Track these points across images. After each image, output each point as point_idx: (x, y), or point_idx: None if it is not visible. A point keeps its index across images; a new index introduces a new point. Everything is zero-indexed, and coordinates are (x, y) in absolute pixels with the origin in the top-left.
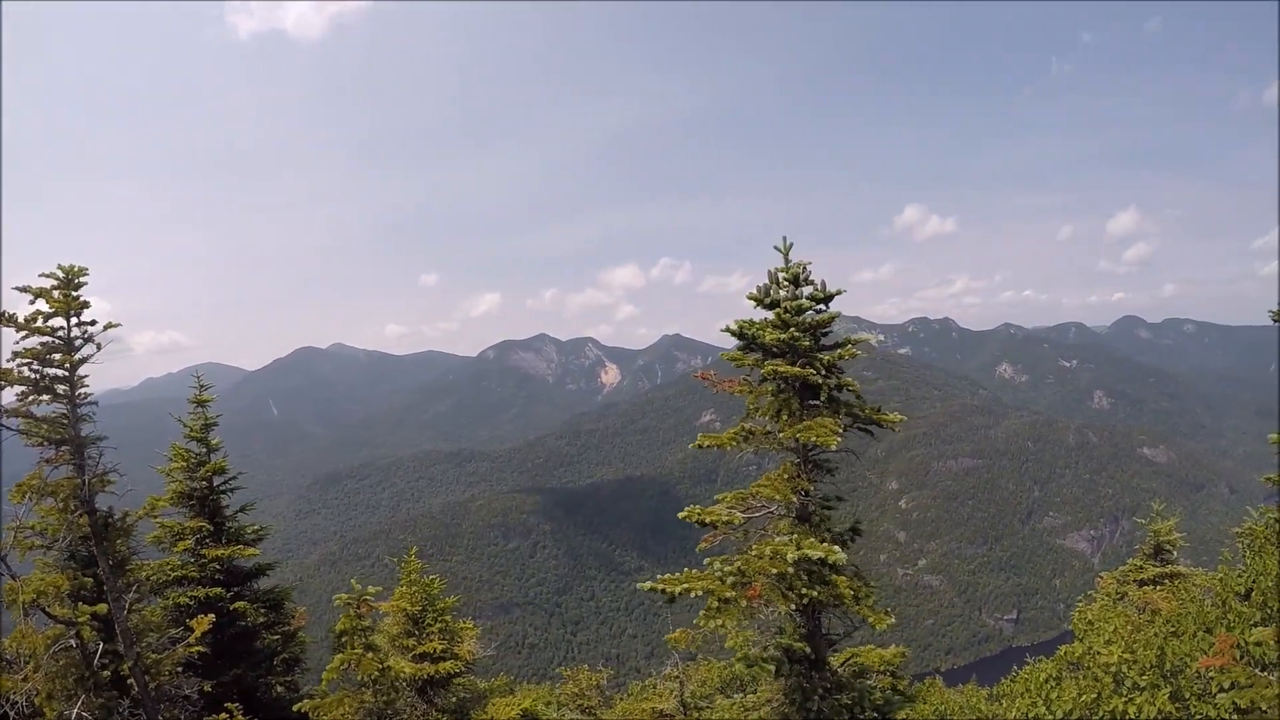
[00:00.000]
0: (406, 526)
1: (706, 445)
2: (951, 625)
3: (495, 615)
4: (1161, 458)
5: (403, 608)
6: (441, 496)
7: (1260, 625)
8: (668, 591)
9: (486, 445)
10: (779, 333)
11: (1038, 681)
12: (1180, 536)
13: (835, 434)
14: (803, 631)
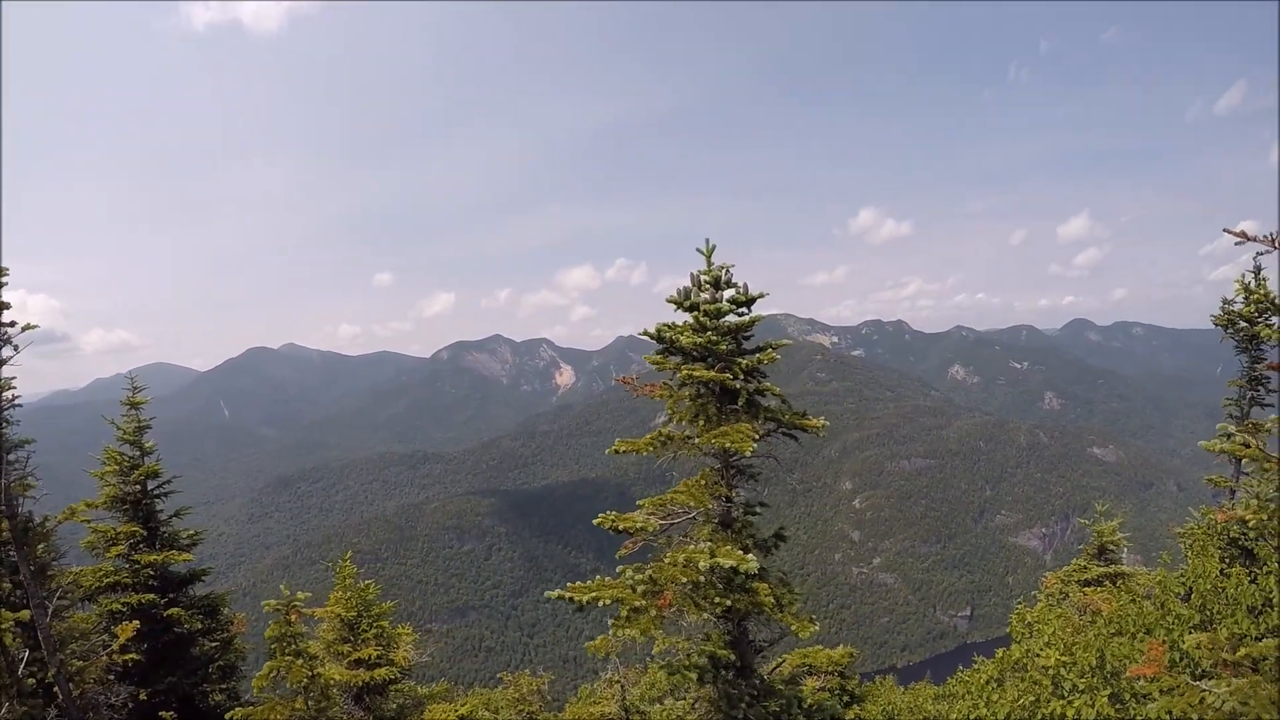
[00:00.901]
0: (360, 530)
1: (623, 451)
2: (906, 623)
3: (451, 619)
4: (1111, 457)
5: (338, 613)
6: (396, 499)
7: (1199, 628)
8: (576, 600)
9: (441, 447)
10: (696, 336)
11: (979, 683)
12: (1124, 536)
13: (752, 439)
14: (728, 639)
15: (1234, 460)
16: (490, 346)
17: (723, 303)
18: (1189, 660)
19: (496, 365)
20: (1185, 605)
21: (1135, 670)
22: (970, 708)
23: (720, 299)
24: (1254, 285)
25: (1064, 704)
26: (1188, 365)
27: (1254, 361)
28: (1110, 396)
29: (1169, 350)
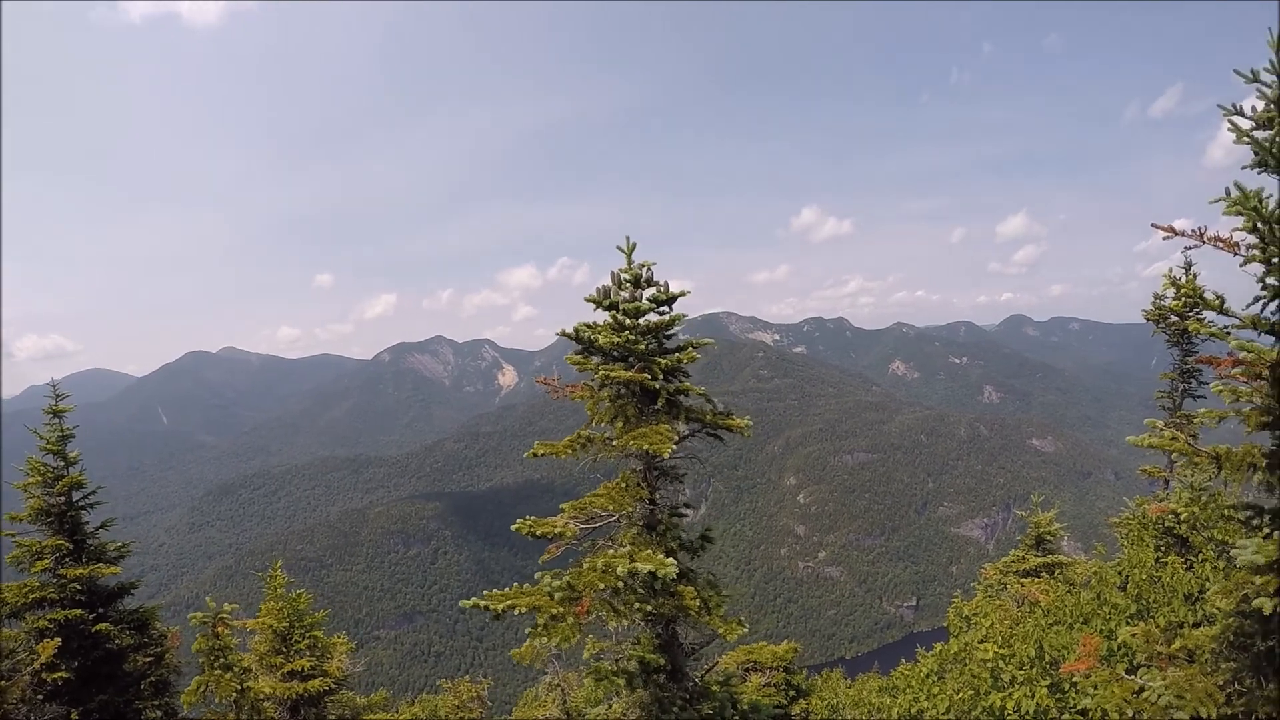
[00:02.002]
0: (304, 536)
1: (541, 453)
2: (853, 614)
3: (399, 625)
4: (1050, 448)
5: (270, 624)
6: (339, 504)
7: (1136, 617)
8: (492, 609)
9: (384, 450)
10: (614, 335)
11: (919, 676)
12: (1061, 526)
13: (671, 441)
14: (657, 642)
15: (1166, 452)
16: (432, 348)
17: (642, 301)
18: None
19: (439, 367)
20: (1122, 595)
21: (1069, 666)
22: (911, 701)
23: (640, 297)
24: (1183, 280)
25: (1003, 696)
26: (1122, 359)
27: (1185, 355)
28: (1048, 389)
29: (1104, 345)
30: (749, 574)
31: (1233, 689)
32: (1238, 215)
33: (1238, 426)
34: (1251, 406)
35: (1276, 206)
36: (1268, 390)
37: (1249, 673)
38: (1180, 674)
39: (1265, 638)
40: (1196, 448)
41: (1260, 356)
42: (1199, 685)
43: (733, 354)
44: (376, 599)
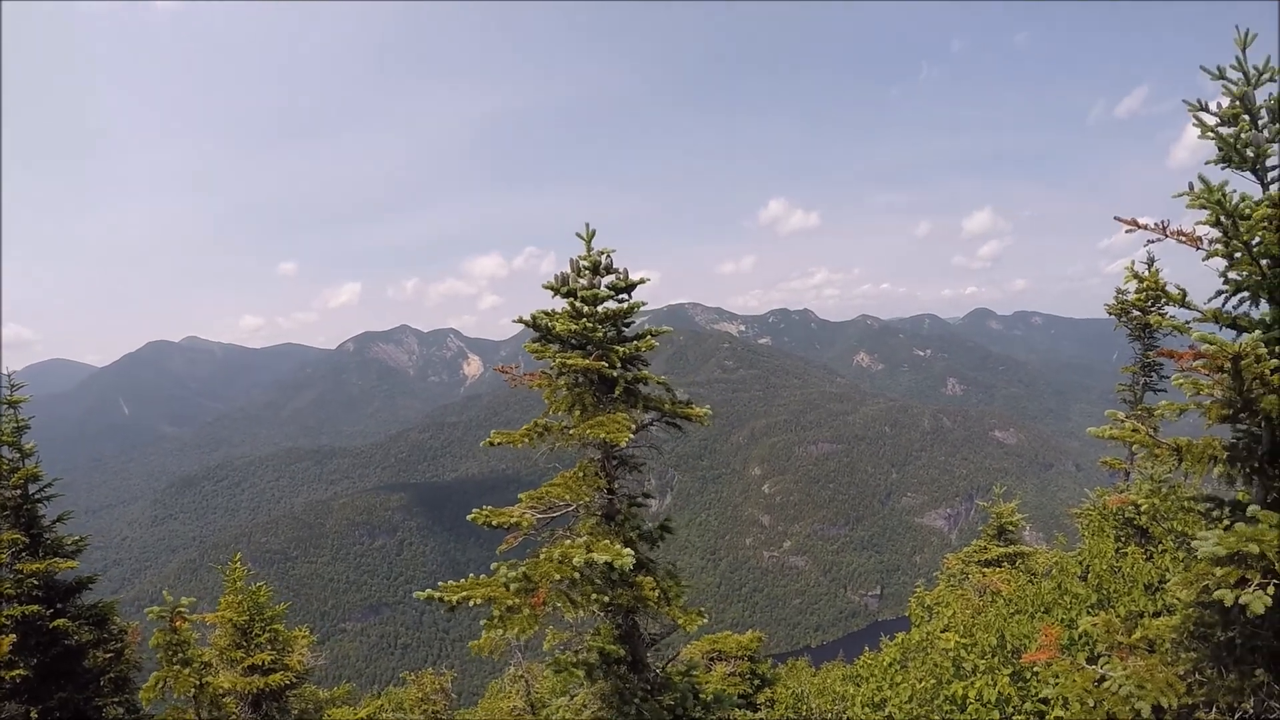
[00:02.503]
0: (268, 528)
1: (498, 443)
2: (818, 603)
3: (365, 616)
4: (1012, 440)
5: (229, 618)
6: (303, 495)
7: (1096, 606)
8: (446, 600)
9: (348, 441)
10: (572, 323)
11: (882, 666)
12: (1023, 517)
13: (629, 429)
14: (617, 633)
15: (1127, 444)
16: (397, 337)
17: (600, 289)
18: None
19: (403, 356)
20: (1083, 584)
21: (1029, 657)
22: (875, 690)
23: (598, 285)
24: (1145, 274)
25: (965, 685)
26: (1085, 353)
27: (1147, 349)
28: (1011, 382)
29: (1067, 338)
30: (714, 564)
31: (1193, 679)
32: (1201, 209)
33: (1198, 419)
34: (1212, 399)
35: (1240, 201)
36: (1229, 383)
37: (1209, 663)
38: (1141, 664)
39: (1225, 628)
40: (1157, 440)
41: (1222, 349)
42: (1160, 675)
43: (698, 345)
44: (342, 591)
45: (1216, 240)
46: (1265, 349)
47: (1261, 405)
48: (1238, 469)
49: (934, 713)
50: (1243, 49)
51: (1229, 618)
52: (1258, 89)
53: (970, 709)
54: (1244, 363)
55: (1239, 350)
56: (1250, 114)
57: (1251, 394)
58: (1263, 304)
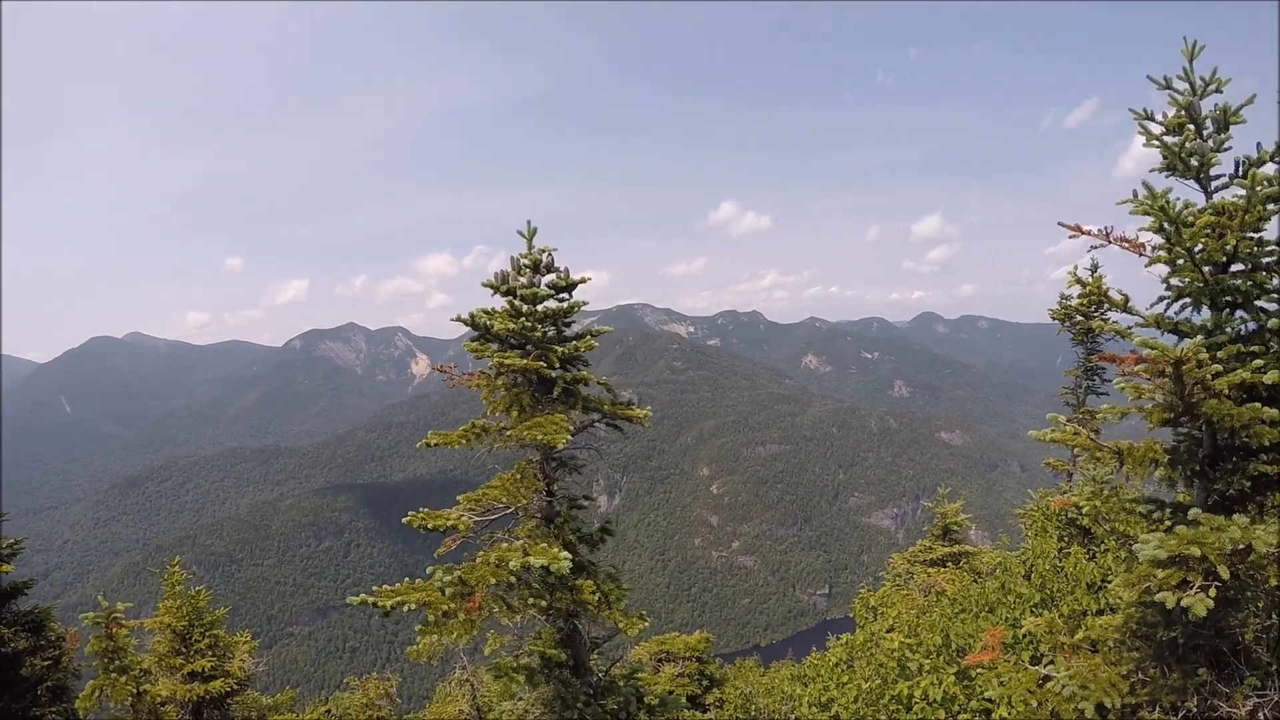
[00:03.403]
0: (213, 530)
1: (435, 444)
2: (767, 603)
3: (312, 620)
4: (958, 441)
5: (168, 624)
6: (249, 496)
7: (1040, 605)
8: (380, 605)
9: (294, 440)
10: (510, 322)
11: (828, 666)
12: (968, 517)
13: (567, 431)
14: (559, 637)
15: (1070, 446)
16: (344, 335)
17: (541, 287)
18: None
19: (351, 354)
20: (1026, 584)
21: (973, 658)
22: (821, 690)
23: (538, 283)
24: (1088, 279)
25: (910, 684)
26: (1029, 357)
27: (1089, 353)
28: (957, 385)
29: (1012, 343)
30: (663, 564)
31: (1136, 678)
32: (1145, 215)
33: (1140, 422)
34: (1154, 403)
35: (1183, 208)
36: (1170, 388)
37: (1152, 662)
38: (1084, 664)
39: (1168, 627)
40: (1098, 443)
41: (1164, 354)
42: (1103, 675)
43: (647, 345)
44: (289, 594)
45: (1159, 247)
46: (1207, 354)
47: (1203, 410)
48: (1179, 472)
49: (880, 712)
50: (1190, 60)
51: (1171, 617)
52: (1203, 99)
53: (916, 708)
54: (1185, 368)
55: (1180, 355)
56: (1195, 123)
57: (1193, 398)
58: (1204, 310)
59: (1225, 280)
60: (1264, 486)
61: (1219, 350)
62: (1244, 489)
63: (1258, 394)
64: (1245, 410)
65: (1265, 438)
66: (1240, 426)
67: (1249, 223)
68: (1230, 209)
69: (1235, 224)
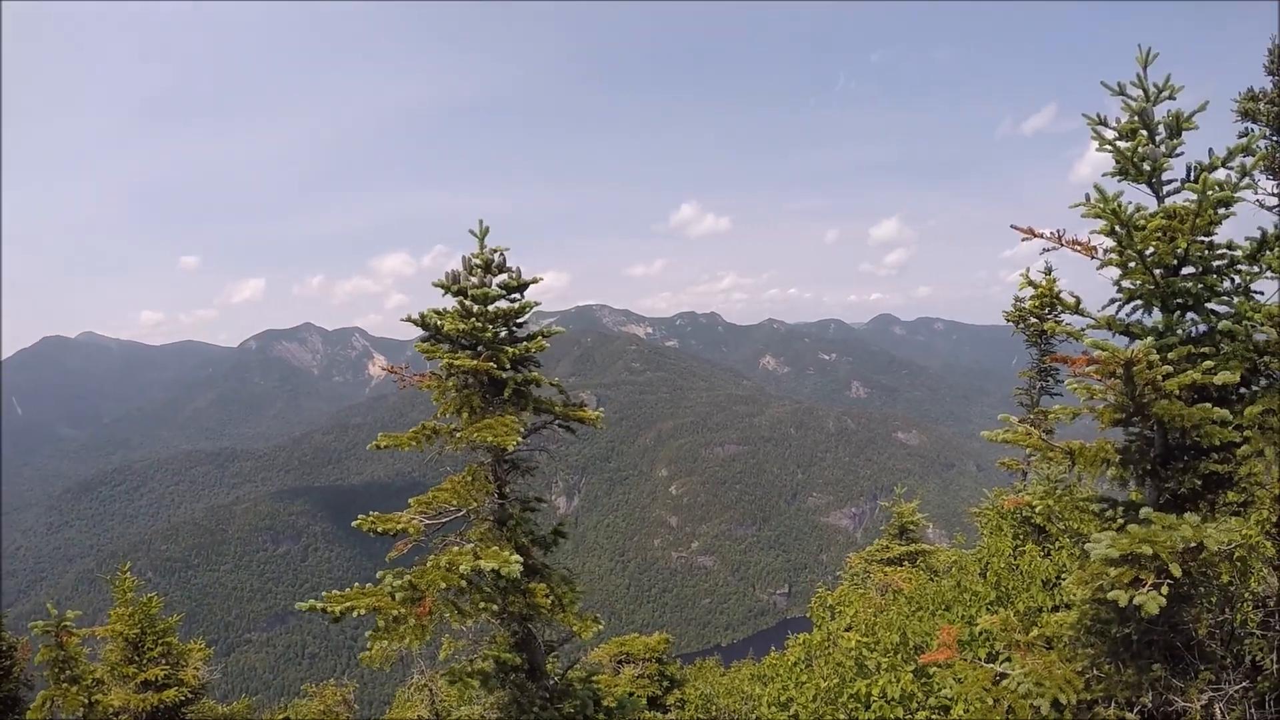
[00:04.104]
0: (169, 535)
1: (385, 446)
2: (727, 602)
3: (271, 626)
4: (915, 441)
5: (119, 632)
6: (204, 500)
7: (995, 603)
8: (330, 611)
9: (250, 443)
10: (461, 322)
11: (787, 665)
12: (924, 516)
13: (517, 433)
14: (513, 641)
15: (1022, 446)
16: (301, 335)
17: (492, 287)
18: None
19: (307, 355)
20: (982, 581)
21: (928, 657)
22: (781, 690)
23: (489, 283)
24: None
25: (868, 683)
26: (985, 358)
27: (1043, 354)
28: (914, 386)
29: (968, 344)
30: (623, 565)
31: (1091, 674)
32: (1097, 218)
33: (1093, 422)
34: (1105, 404)
35: (1134, 211)
36: (1121, 388)
37: (1107, 658)
38: (1039, 661)
39: (1122, 624)
40: (1050, 443)
41: (1114, 355)
42: (1058, 672)
43: (605, 346)
44: (246, 600)
45: (1111, 250)
46: (1157, 356)
47: (1154, 410)
48: (1131, 471)
49: (839, 711)
50: (1144, 66)
51: (1125, 614)
52: (1157, 105)
53: (875, 706)
54: (1136, 369)
55: (1131, 356)
56: (1148, 129)
57: (1144, 399)
58: (1156, 312)
59: (1176, 283)
60: (1215, 485)
61: (1170, 352)
62: (1195, 487)
63: (1208, 394)
64: (1196, 410)
65: (1215, 437)
66: (1191, 426)
67: (1200, 226)
68: (1181, 213)
69: (1186, 228)
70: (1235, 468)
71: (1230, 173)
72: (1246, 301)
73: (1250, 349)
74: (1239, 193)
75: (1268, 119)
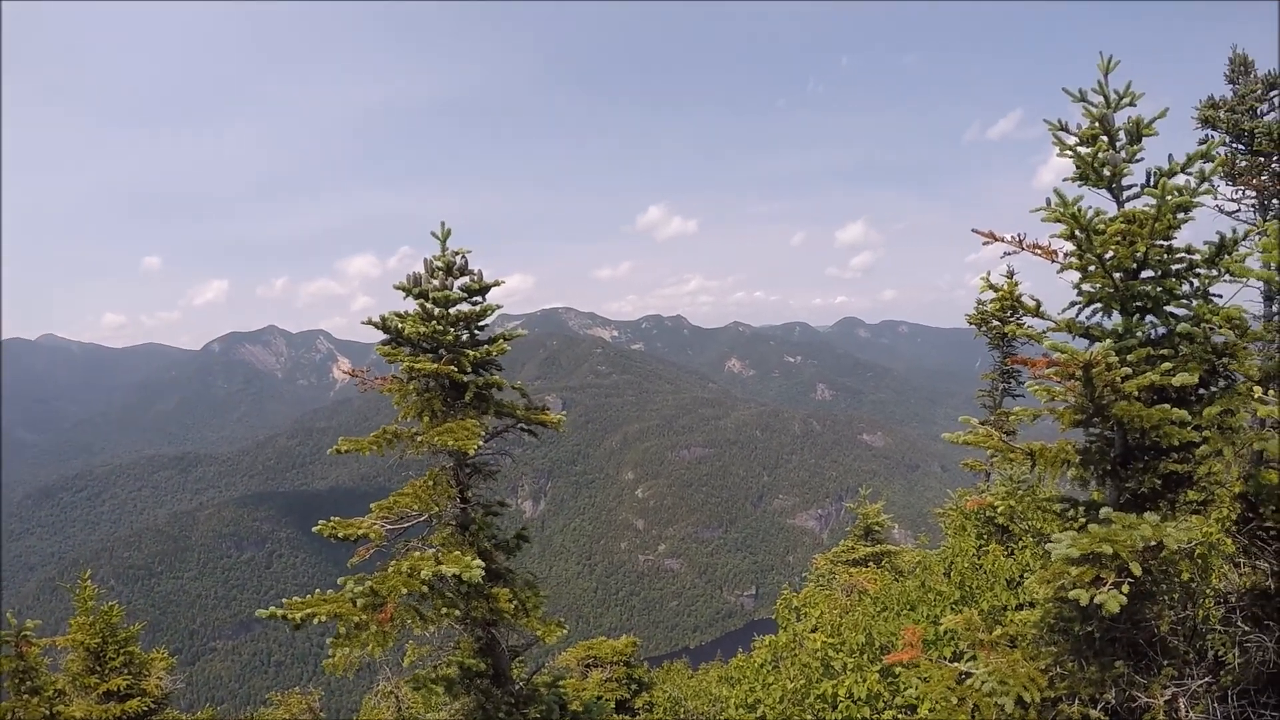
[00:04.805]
0: (131, 543)
1: (345, 450)
2: (695, 605)
3: (236, 634)
4: (880, 443)
5: (80, 641)
6: (167, 506)
7: (960, 603)
8: (290, 618)
9: (213, 447)
10: (422, 325)
11: (754, 667)
12: (889, 517)
13: (477, 437)
14: (477, 646)
15: (983, 447)
16: (264, 338)
17: (453, 290)
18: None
19: (271, 358)
20: (946, 582)
21: (892, 658)
22: (748, 691)
23: (451, 286)
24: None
25: (835, 683)
26: (950, 360)
27: (1005, 357)
28: (878, 388)
29: (933, 347)
30: (590, 569)
31: (1055, 672)
32: (1057, 222)
33: (1053, 423)
34: (1065, 405)
35: (1094, 215)
36: (1081, 390)
37: (1070, 656)
38: (1003, 660)
39: (1084, 622)
40: (1010, 444)
41: (1073, 357)
42: (1021, 670)
43: (571, 350)
44: (210, 608)
45: (1071, 254)
46: (1116, 358)
47: (1113, 411)
48: (1091, 471)
49: (806, 712)
50: (1105, 73)
51: (1087, 612)
52: (1118, 112)
53: (841, 706)
54: (1095, 371)
55: (1090, 359)
56: (1109, 135)
57: (1103, 401)
58: (1115, 315)
59: (1135, 286)
60: (1175, 484)
61: (1129, 354)
62: (1155, 487)
63: (1167, 396)
64: (1155, 411)
65: (1175, 438)
66: (1150, 427)
67: (1159, 231)
68: (1141, 217)
69: (1146, 232)
70: (1194, 467)
71: (1189, 178)
72: (1205, 304)
73: (1209, 351)
74: (1198, 198)
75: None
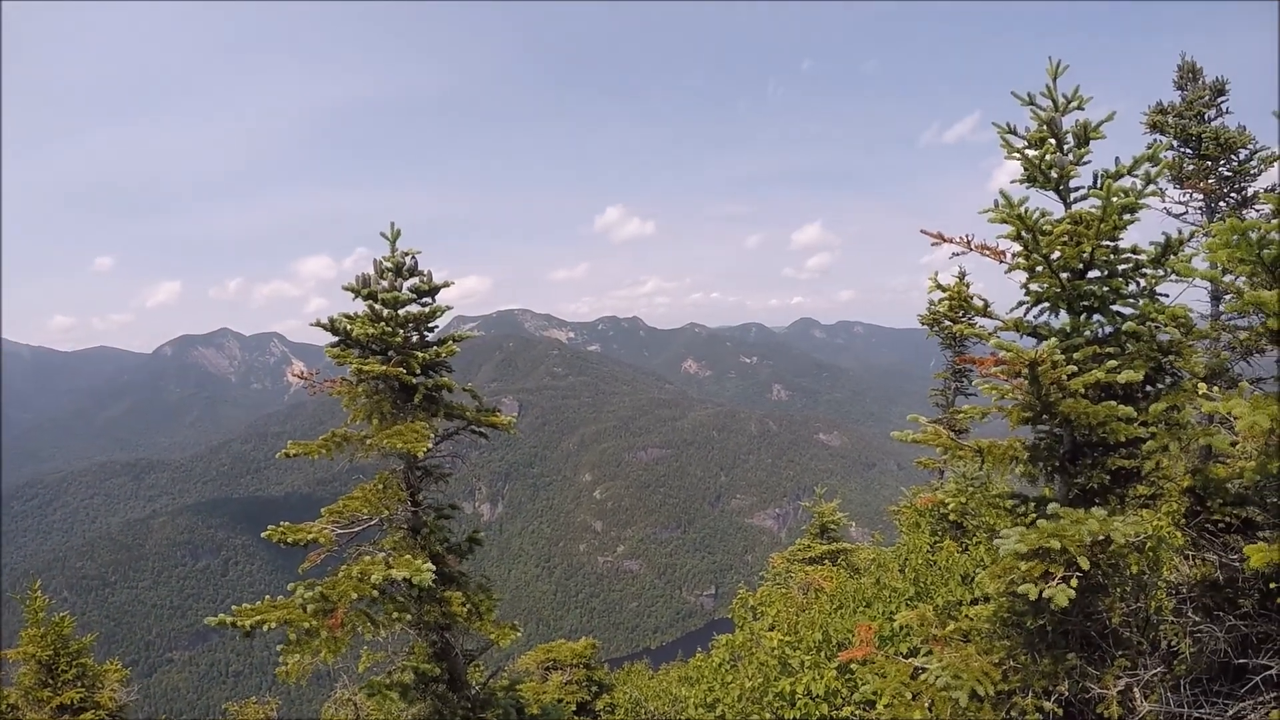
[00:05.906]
0: (84, 552)
1: (294, 454)
2: (655, 605)
3: (193, 644)
4: (836, 442)
5: (32, 654)
6: (120, 514)
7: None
8: (240, 625)
9: (166, 453)
10: (370, 327)
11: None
12: (844, 515)
13: (426, 439)
14: (432, 651)
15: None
16: (217, 341)
17: (402, 291)
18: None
19: (225, 362)
20: (900, 578)
21: (847, 655)
22: (707, 691)
23: (400, 287)
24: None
25: (792, 681)
26: (904, 360)
27: (956, 356)
28: (834, 388)
29: (887, 347)
30: (549, 571)
31: (1008, 665)
32: (1003, 223)
33: (1004, 421)
34: (1014, 403)
35: (1040, 217)
36: (1027, 388)
37: (1023, 649)
38: (956, 654)
39: (1036, 615)
40: (959, 442)
41: (1019, 356)
42: (975, 664)
43: (527, 351)
44: (166, 618)
45: (1019, 254)
46: (1061, 356)
47: (1060, 408)
48: (1039, 468)
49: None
50: (1054, 78)
51: (1039, 606)
52: (1065, 115)
53: (799, 704)
54: (1041, 369)
55: (1035, 357)
56: (1057, 138)
57: (1050, 398)
58: (1062, 314)
59: (1082, 285)
60: (1124, 479)
61: (1076, 352)
62: (1104, 482)
63: (1113, 393)
64: (1101, 408)
65: (1121, 434)
66: (1097, 424)
67: (1105, 231)
68: (1087, 219)
69: (1092, 233)
70: (1142, 462)
71: (1136, 180)
72: (1151, 303)
73: (1155, 349)
74: (1144, 199)
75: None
